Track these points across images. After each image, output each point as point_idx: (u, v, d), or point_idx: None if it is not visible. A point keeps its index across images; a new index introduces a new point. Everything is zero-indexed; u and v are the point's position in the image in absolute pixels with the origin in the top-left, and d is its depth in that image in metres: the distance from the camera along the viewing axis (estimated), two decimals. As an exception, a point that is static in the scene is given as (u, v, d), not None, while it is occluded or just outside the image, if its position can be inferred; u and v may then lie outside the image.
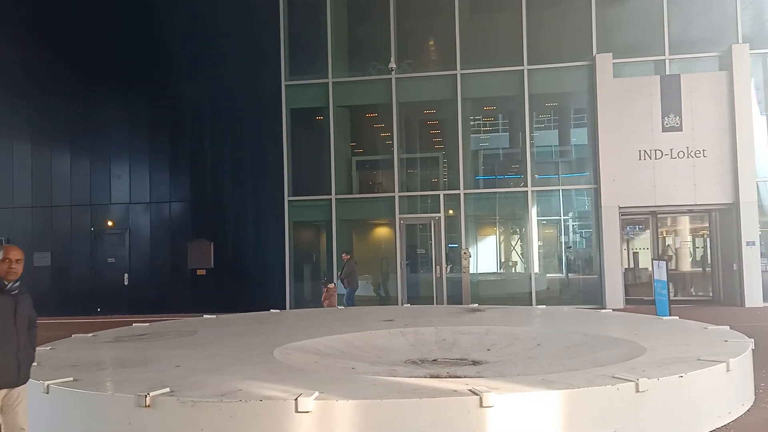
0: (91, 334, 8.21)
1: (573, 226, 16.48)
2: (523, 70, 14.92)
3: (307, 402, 4.27)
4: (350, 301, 13.61)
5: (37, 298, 14.34)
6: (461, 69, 15.14)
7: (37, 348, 6.95)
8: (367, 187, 16.35)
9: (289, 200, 15.36)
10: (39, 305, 14.17)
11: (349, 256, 13.86)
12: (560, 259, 16.15)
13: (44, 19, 16.24)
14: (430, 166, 16.72)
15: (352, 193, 15.80)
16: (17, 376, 4.12)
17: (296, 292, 15.38)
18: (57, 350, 6.93)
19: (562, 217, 15.81)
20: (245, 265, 15.16)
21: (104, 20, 16.12)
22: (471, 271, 14.85)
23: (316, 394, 4.36)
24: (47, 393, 4.98)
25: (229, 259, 15.28)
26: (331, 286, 13.61)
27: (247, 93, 15.61)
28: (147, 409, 4.43)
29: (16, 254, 4.22)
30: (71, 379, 5.16)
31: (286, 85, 15.49)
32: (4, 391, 4.07)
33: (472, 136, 16.79)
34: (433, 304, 14.51)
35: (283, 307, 14.31)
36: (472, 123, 16.89)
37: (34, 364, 5.90)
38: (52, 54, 16.15)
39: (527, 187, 14.94)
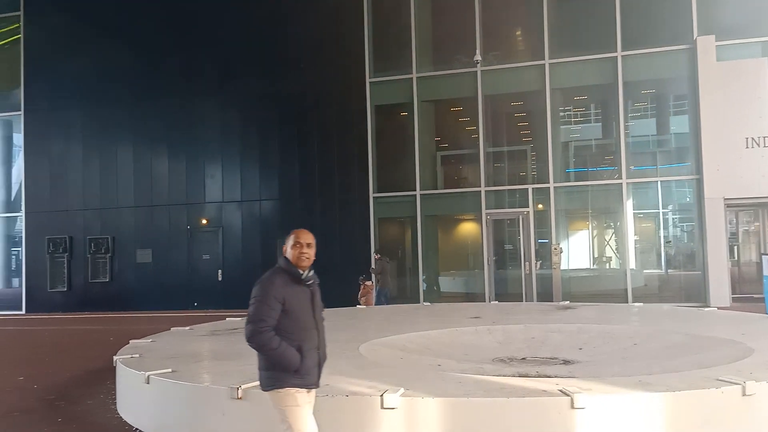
0: (188, 328, 8.59)
1: (673, 219, 15.60)
2: (616, 56, 14.26)
3: (393, 399, 4.24)
4: (381, 300, 13.50)
5: (141, 292, 15.31)
6: (550, 58, 14.66)
7: (139, 340, 7.44)
8: (452, 182, 16.19)
9: (374, 197, 15.46)
10: (143, 300, 15.10)
11: (379, 256, 13.84)
12: (659, 254, 15.33)
13: (140, 27, 17.16)
14: (518, 159, 16.32)
15: (437, 189, 15.69)
16: (319, 376, 3.61)
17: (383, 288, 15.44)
18: (157, 342, 7.29)
19: (661, 210, 14.99)
20: (332, 261, 15.37)
21: (196, 26, 16.84)
22: (562, 267, 14.37)
23: (402, 390, 4.33)
24: (148, 383, 5.23)
25: (317, 256, 15.51)
26: (368, 283, 13.64)
27: (333, 91, 15.86)
28: (239, 401, 4.56)
29: (307, 237, 3.62)
30: (170, 370, 5.39)
31: (370, 82, 15.59)
32: (306, 391, 3.53)
33: (562, 127, 16.25)
34: (521, 301, 14.17)
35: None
36: (561, 114, 16.35)
37: (136, 355, 6.31)
38: (148, 61, 17.08)
39: (622, 179, 14.27)
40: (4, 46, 18.66)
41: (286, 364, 3.39)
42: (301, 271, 3.53)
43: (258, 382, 4.63)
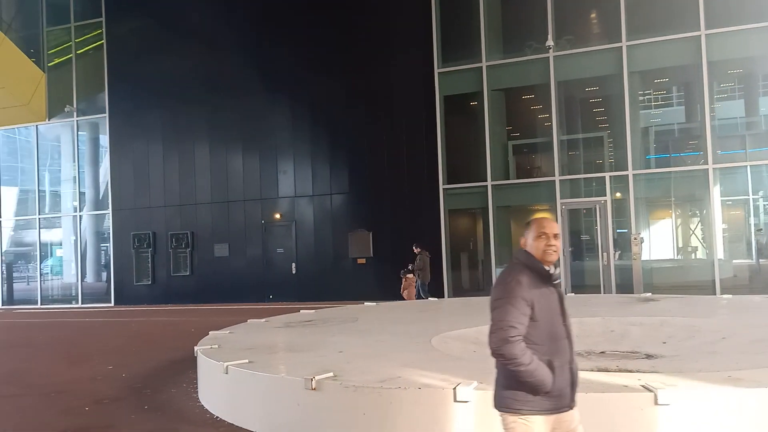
0: (264, 320, 8.78)
1: (764, 205, 14.65)
2: (699, 35, 13.48)
3: (466, 391, 4.17)
4: (424, 293, 13.33)
5: (219, 285, 15.81)
6: (627, 40, 14.04)
7: (218, 332, 7.68)
8: (524, 172, 15.82)
9: (444, 188, 15.33)
10: (221, 293, 15.56)
11: (419, 250, 13.63)
12: (749, 244, 14.44)
13: (214, 27, 17.67)
14: (594, 146, 15.75)
15: (508, 179, 15.37)
16: (572, 395, 2.84)
17: (454, 281, 15.33)
18: (234, 334, 7.49)
19: (751, 197, 14.09)
20: (403, 253, 15.36)
21: (267, 24, 17.17)
22: (643, 258, 13.79)
23: (475, 383, 4.25)
24: (226, 373, 5.37)
25: (388, 248, 15.62)
26: (410, 276, 13.47)
27: (401, 83, 15.81)
28: (313, 392, 4.61)
29: (553, 227, 2.90)
30: (247, 361, 5.51)
31: (439, 73, 15.44)
32: (554, 417, 2.80)
33: (641, 112, 15.56)
34: (599, 293, 13.71)
35: (440, 296, 14.34)
36: (640, 98, 15.65)
37: (215, 346, 6.51)
38: (222, 60, 17.55)
39: (708, 164, 13.52)
40: (89, 52, 19.69)
41: (536, 384, 2.71)
42: (548, 268, 2.85)
43: (331, 374, 4.74)
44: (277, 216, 17.03)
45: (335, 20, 16.54)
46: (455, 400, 4.20)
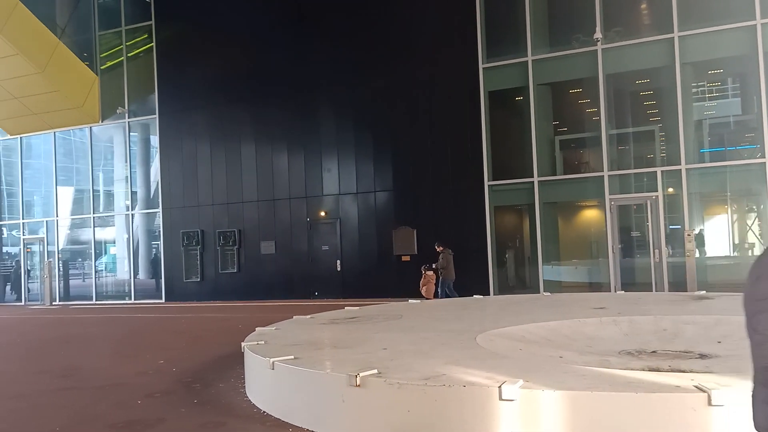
0: (309, 316, 8.85)
1: (826, 200, 13.99)
2: (755, 25, 12.97)
3: (512, 390, 4.10)
4: (445, 292, 13.19)
5: (265, 282, 15.99)
6: (679, 31, 13.62)
7: (264, 328, 7.77)
8: (572, 168, 15.51)
9: (489, 185, 15.17)
10: (268, 290, 15.75)
11: (442, 248, 13.49)
12: (809, 240, 13.83)
13: (258, 27, 17.90)
14: (644, 140, 15.32)
15: (555, 175, 15.11)
16: None
17: (499, 278, 15.16)
18: (280, 330, 7.57)
19: (812, 191, 13.50)
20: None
21: (310, 23, 17.30)
22: (697, 255, 13.35)
23: (521, 382, 4.17)
24: (272, 369, 5.42)
25: (432, 245, 15.52)
26: (429, 273, 13.33)
27: (445, 79, 15.71)
28: (358, 389, 4.61)
29: None
30: (292, 357, 5.55)
31: (483, 68, 15.28)
32: None
33: (694, 104, 15.05)
34: (651, 291, 13.34)
35: (486, 293, 14.20)
36: (693, 90, 15.15)
37: (261, 342, 6.59)
38: (267, 60, 17.79)
39: (765, 157, 13.00)
40: (139, 55, 20.25)
41: None
42: None
43: (376, 370, 4.73)
44: (322, 213, 17.16)
45: (378, 17, 16.56)
46: (500, 399, 4.13)
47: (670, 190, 13.87)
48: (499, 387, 4.13)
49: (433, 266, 13.69)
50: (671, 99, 13.77)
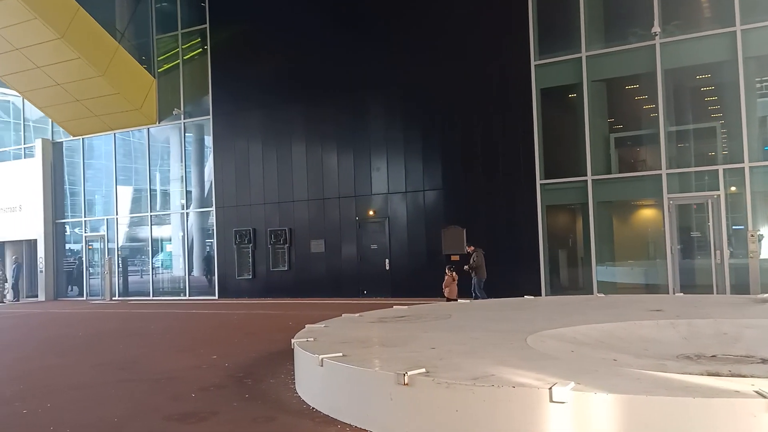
0: (358, 315, 8.89)
1: None
2: (824, 15, 12.35)
3: (563, 392, 4.01)
4: (479, 292, 13.02)
5: (315, 280, 16.15)
6: (741, 24, 13.08)
7: (314, 325, 7.85)
8: (628, 166, 15.08)
9: (541, 183, 14.92)
10: (317, 288, 15.91)
11: (473, 248, 13.42)
12: None
13: (310, 28, 18.08)
14: (705, 137, 14.77)
15: (610, 173, 14.72)
16: None
17: (551, 278, 14.90)
18: (330, 328, 7.63)
19: None
20: (497, 250, 15.10)
21: (360, 22, 17.39)
22: (762, 256, 12.79)
23: (573, 384, 4.08)
24: (321, 366, 5.47)
25: (482, 245, 15.36)
26: (453, 273, 13.26)
27: (496, 77, 15.53)
28: (406, 387, 4.59)
29: None
30: (341, 354, 5.58)
31: (535, 65, 15.04)
32: None
33: (758, 100, 14.41)
34: (711, 293, 12.85)
35: (537, 294, 13.97)
36: (757, 85, 14.50)
37: (311, 339, 6.66)
38: (317, 60, 17.96)
39: (835, 155, 12.36)
40: (194, 57, 20.77)
41: None
42: None
43: (424, 369, 4.70)
44: (371, 213, 17.22)
45: (427, 15, 16.51)
46: (551, 401, 4.05)
47: (733, 188, 13.33)
48: (550, 389, 4.05)
49: (467, 267, 13.57)
50: (733, 95, 13.24)
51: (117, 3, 21.61)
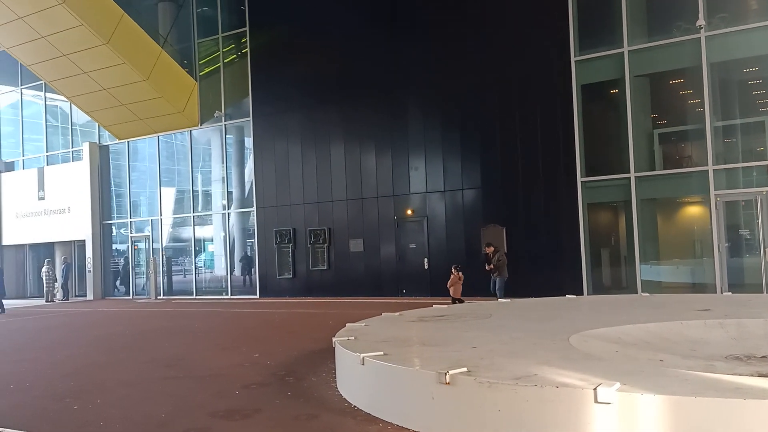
0: (398, 314, 8.90)
1: None
2: None
3: (608, 393, 3.95)
4: (500, 291, 12.90)
5: (354, 279, 16.21)
6: (791, 14, 12.65)
7: (354, 324, 7.89)
8: (672, 162, 14.73)
9: (582, 181, 14.68)
10: (356, 287, 15.96)
11: (494, 248, 13.28)
12: None
13: (346, 29, 18.17)
14: (754, 132, 14.30)
15: (654, 170, 14.40)
16: None
17: (594, 277, 14.64)
18: (370, 326, 7.66)
19: None
20: (538, 249, 14.94)
21: (396, 22, 17.38)
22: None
23: (618, 385, 4.01)
24: (362, 365, 5.50)
25: (522, 244, 15.24)
26: (460, 274, 13.13)
27: (535, 74, 15.34)
28: (447, 386, 4.59)
29: None
30: (382, 353, 5.60)
31: (576, 61, 14.81)
32: None
33: (808, 93, 13.94)
34: (761, 292, 12.45)
35: (579, 293, 13.75)
36: (808, 78, 14.02)
37: (352, 338, 6.70)
38: (355, 61, 18.04)
39: None
40: (234, 60, 21.11)
41: None
42: None
43: (465, 369, 4.68)
44: (409, 212, 17.22)
45: (465, 13, 16.41)
46: (596, 401, 3.99)
47: (782, 184, 12.90)
48: (595, 389, 3.99)
49: (490, 266, 13.39)
50: (784, 87, 12.80)
51: (160, 9, 22.12)
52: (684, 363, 5.50)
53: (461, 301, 12.91)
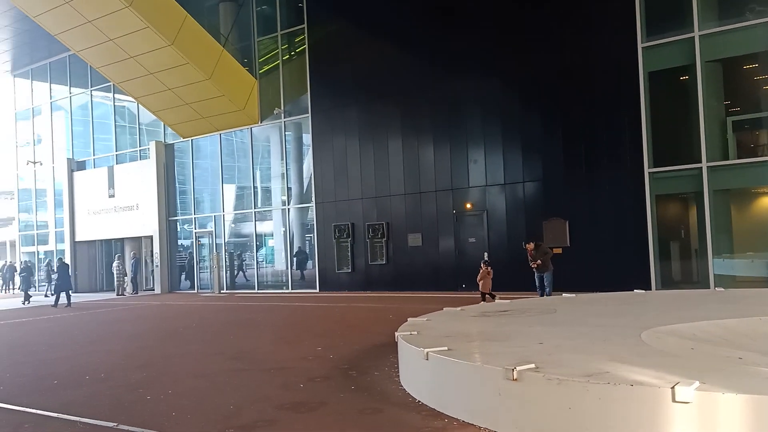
0: (459, 309, 8.83)
1: None
2: None
3: (687, 392, 3.79)
4: (549, 286, 12.40)
5: (413, 274, 16.15)
6: None
7: (416, 319, 7.87)
8: (748, 151, 14.00)
9: (649, 172, 14.16)
10: (415, 281, 15.86)
11: (533, 243, 12.71)
12: None
13: (404, 23, 18.09)
14: (834, 118, 13.48)
15: (728, 159, 13.73)
16: None
17: (662, 272, 14.10)
18: (432, 321, 7.62)
19: None
20: (603, 242, 14.51)
21: (452, 15, 17.18)
22: None
23: (697, 383, 3.84)
24: (426, 359, 5.47)
25: (586, 237, 14.84)
26: (489, 268, 12.77)
27: (599, 62, 14.85)
28: (514, 383, 4.51)
29: None
30: (445, 348, 5.56)
31: (643, 48, 14.27)
32: None
33: None
34: None
35: (647, 287, 13.28)
36: None
37: (414, 332, 6.67)
38: (412, 54, 17.94)
39: None
40: (293, 57, 21.37)
41: None
42: None
43: (533, 365, 4.58)
44: (469, 206, 17.04)
45: (525, 1, 16.07)
46: (674, 401, 3.84)
47: None
48: (672, 388, 3.85)
49: (537, 263, 12.80)
50: None
51: (221, 9, 22.60)
52: (764, 360, 5.22)
53: (492, 296, 12.82)
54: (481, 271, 13.25)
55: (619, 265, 14.14)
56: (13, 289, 29.66)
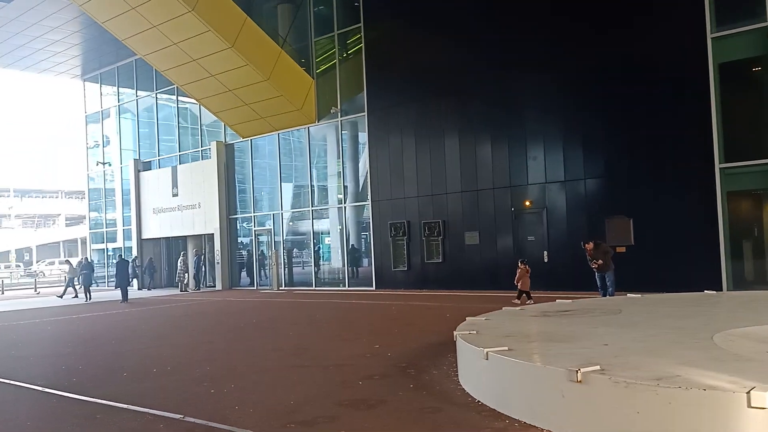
0: (519, 308, 8.71)
1: None
2: None
3: (763, 397, 3.62)
4: (611, 285, 11.89)
5: (470, 272, 16.01)
6: None
7: (474, 318, 7.78)
8: (825, 145, 13.27)
9: (720, 167, 13.55)
10: (472, 280, 15.76)
11: (592, 243, 12.07)
12: None
13: (461, 18, 17.92)
14: None
15: (804, 154, 13.03)
16: None
17: (734, 272, 13.48)
18: (491, 321, 7.53)
19: None
20: (669, 241, 13.99)
21: (510, 10, 16.90)
22: None
23: (774, 389, 3.66)
24: (486, 359, 5.41)
25: (651, 236, 14.35)
26: (527, 267, 12.76)
27: (666, 53, 14.28)
28: (579, 385, 4.40)
29: None
30: (506, 348, 5.48)
31: (712, 38, 13.67)
32: None
33: None
34: None
35: (717, 288, 12.72)
36: None
37: (473, 332, 6.60)
38: (470, 50, 17.77)
39: None
40: (349, 57, 21.51)
41: None
42: None
43: (598, 367, 4.45)
44: (527, 203, 16.75)
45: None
46: (749, 406, 3.67)
47: None
48: (748, 393, 3.69)
49: (598, 263, 12.15)
50: None
51: (279, 10, 22.99)
52: None
53: (529, 295, 12.81)
54: (519, 270, 13.08)
55: (687, 264, 13.61)
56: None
